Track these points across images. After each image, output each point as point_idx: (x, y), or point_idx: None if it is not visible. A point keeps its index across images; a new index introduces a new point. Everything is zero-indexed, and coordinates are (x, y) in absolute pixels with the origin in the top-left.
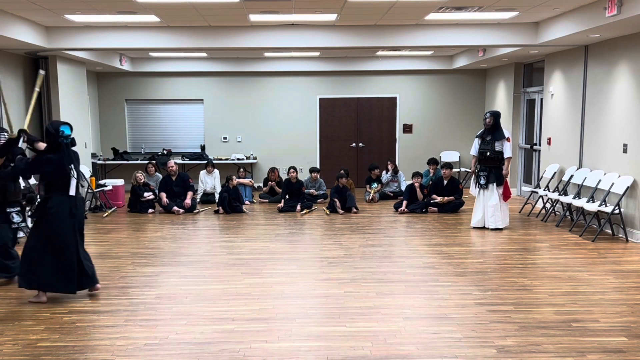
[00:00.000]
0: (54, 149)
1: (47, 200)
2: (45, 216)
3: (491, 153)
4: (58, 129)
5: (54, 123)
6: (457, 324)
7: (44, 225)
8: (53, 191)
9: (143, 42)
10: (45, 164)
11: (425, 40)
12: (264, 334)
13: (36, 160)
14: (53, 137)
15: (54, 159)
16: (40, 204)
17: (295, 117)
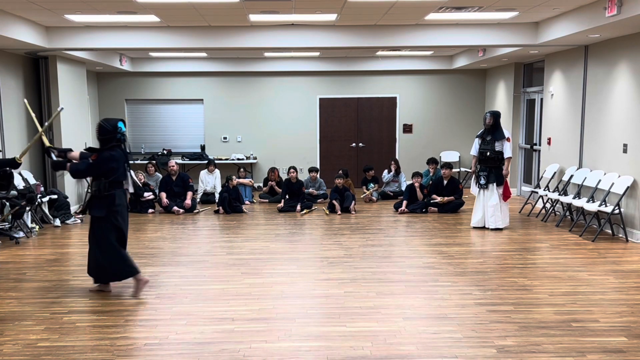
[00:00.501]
0: (112, 146)
1: (113, 197)
2: (114, 213)
3: (491, 153)
4: (116, 126)
5: (110, 120)
6: (457, 324)
7: (113, 220)
8: (115, 187)
9: (143, 42)
10: (110, 161)
11: (425, 40)
12: (264, 334)
13: (99, 160)
14: (111, 134)
15: (117, 156)
16: (106, 201)
17: (295, 117)
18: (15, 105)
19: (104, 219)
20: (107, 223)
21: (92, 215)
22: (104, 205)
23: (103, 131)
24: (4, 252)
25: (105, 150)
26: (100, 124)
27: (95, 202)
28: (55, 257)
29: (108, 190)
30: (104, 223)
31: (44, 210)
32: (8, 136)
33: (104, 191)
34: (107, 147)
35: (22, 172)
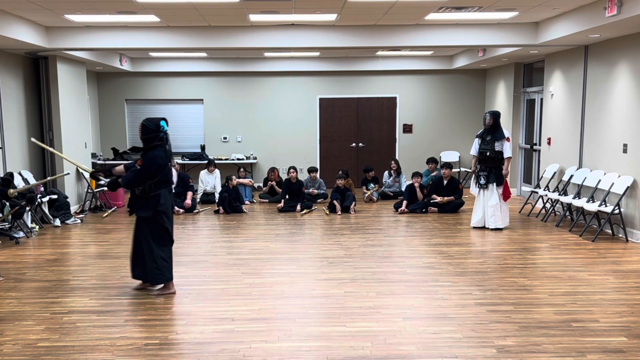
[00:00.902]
0: (155, 145)
1: (159, 198)
2: (160, 213)
3: (491, 153)
4: (159, 125)
5: (152, 120)
6: (457, 324)
7: (159, 220)
8: (160, 187)
9: (143, 42)
10: (155, 162)
11: (425, 40)
12: (264, 334)
13: (145, 163)
14: (154, 133)
15: (160, 155)
16: (152, 202)
17: (295, 117)
18: (15, 105)
19: (150, 219)
20: (153, 223)
21: (139, 215)
22: (150, 205)
23: (146, 130)
24: (4, 252)
25: (148, 151)
26: (144, 124)
27: (141, 203)
28: (55, 257)
29: (154, 191)
30: (152, 224)
31: (44, 210)
32: (8, 136)
33: (150, 192)
34: (150, 147)
35: (22, 172)
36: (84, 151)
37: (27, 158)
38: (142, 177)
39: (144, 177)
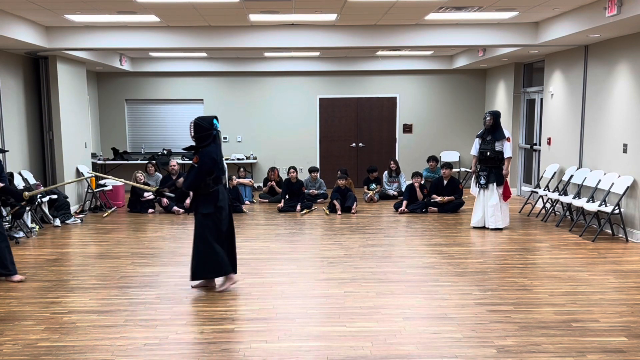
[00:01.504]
0: (208, 142)
1: (217, 194)
2: (219, 209)
3: (491, 153)
4: (212, 123)
5: (205, 118)
6: (457, 324)
7: (218, 215)
8: (217, 183)
9: (143, 42)
10: (210, 157)
11: (425, 40)
12: (264, 334)
13: (202, 160)
14: (208, 131)
15: (213, 152)
16: (212, 198)
17: (295, 117)
18: (15, 105)
19: (210, 215)
20: (212, 220)
21: (200, 212)
22: (210, 202)
23: (199, 129)
24: None
25: (203, 149)
26: (197, 122)
27: (201, 200)
28: (55, 257)
29: (212, 187)
30: (209, 220)
31: (44, 210)
32: (8, 136)
33: (209, 188)
34: (204, 145)
35: (22, 172)
36: (84, 151)
37: (27, 158)
38: (202, 174)
39: (203, 174)
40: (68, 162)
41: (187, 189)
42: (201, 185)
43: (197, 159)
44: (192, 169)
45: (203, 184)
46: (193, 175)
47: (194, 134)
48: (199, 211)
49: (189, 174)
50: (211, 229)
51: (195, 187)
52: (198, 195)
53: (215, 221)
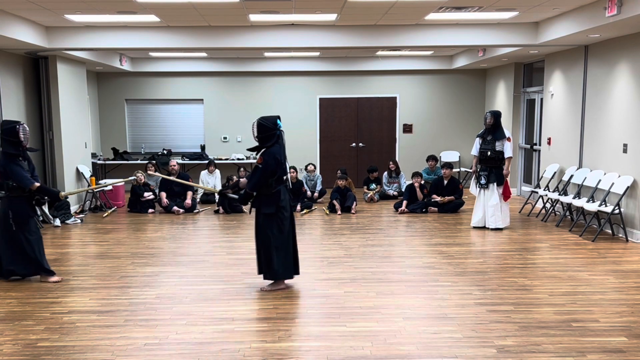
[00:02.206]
0: (272, 143)
1: (279, 194)
2: (281, 208)
3: (492, 153)
4: (275, 122)
5: (269, 118)
6: (457, 324)
7: (280, 216)
8: (279, 183)
9: (143, 42)
10: (274, 157)
11: (425, 40)
12: (264, 334)
13: (266, 161)
14: (271, 131)
15: (277, 152)
16: (274, 199)
17: (295, 117)
18: (15, 105)
19: (272, 215)
20: (274, 220)
21: (262, 212)
22: (272, 202)
23: (263, 129)
24: None
25: (267, 149)
26: (260, 122)
27: (263, 200)
28: (55, 257)
29: (274, 187)
30: (272, 220)
31: (44, 210)
32: None
33: (272, 189)
34: (268, 145)
35: None
36: (84, 151)
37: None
38: (266, 175)
39: (268, 174)
40: (68, 162)
41: (251, 189)
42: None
43: (261, 160)
44: (256, 170)
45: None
46: (257, 176)
47: (257, 134)
48: (261, 211)
49: (253, 175)
50: (273, 228)
51: (259, 187)
52: (260, 195)
53: (277, 221)
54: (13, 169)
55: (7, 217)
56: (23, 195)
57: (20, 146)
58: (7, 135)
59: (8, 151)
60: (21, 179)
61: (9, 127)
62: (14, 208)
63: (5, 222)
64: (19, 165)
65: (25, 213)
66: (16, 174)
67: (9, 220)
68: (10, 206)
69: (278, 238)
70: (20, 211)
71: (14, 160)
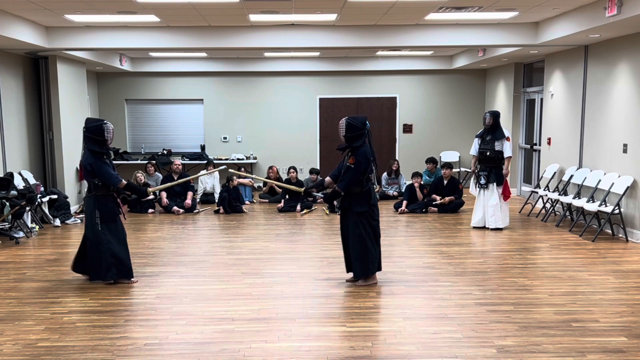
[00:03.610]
0: (362, 142)
1: (370, 192)
2: (372, 207)
3: (491, 153)
4: (364, 122)
5: (358, 118)
6: (457, 324)
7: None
8: (369, 182)
9: (143, 42)
10: (366, 157)
11: (425, 40)
12: (264, 334)
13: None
14: (360, 131)
15: (368, 151)
16: (365, 197)
17: (295, 117)
18: (15, 105)
19: (364, 214)
20: (366, 218)
21: (355, 211)
22: (364, 200)
23: (352, 128)
24: (4, 252)
25: (358, 149)
26: (349, 122)
27: (354, 199)
28: (55, 257)
29: (366, 186)
30: (364, 218)
31: (44, 210)
32: (8, 136)
33: (363, 187)
34: (356, 146)
35: (22, 172)
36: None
37: (27, 158)
38: (360, 174)
39: (362, 173)
40: (68, 162)
41: (343, 189)
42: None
43: (354, 160)
44: (349, 170)
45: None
46: (350, 176)
47: (345, 132)
48: (353, 210)
49: (345, 175)
50: (366, 226)
51: (352, 187)
52: (350, 194)
53: (369, 219)
54: (102, 168)
55: (94, 216)
56: (109, 194)
57: (105, 145)
58: (92, 134)
59: (94, 149)
60: (109, 178)
61: (94, 125)
62: (101, 207)
63: (92, 221)
64: (106, 163)
65: (112, 212)
66: (105, 173)
67: (96, 220)
68: (97, 205)
69: (371, 235)
70: (107, 210)
71: (101, 158)
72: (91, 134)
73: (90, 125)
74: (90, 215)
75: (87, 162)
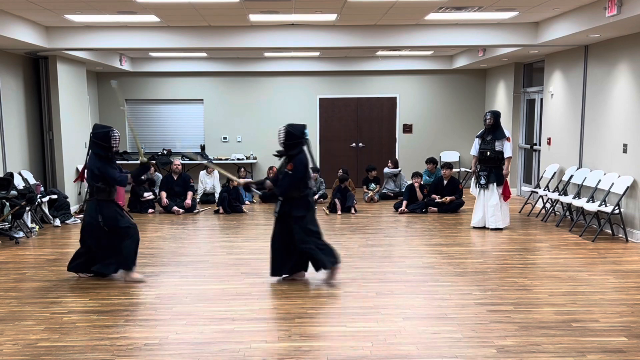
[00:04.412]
0: (299, 151)
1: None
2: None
3: (491, 153)
4: (303, 132)
5: (297, 127)
6: (457, 324)
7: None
8: (305, 188)
9: (143, 42)
10: (302, 164)
11: (425, 40)
12: (264, 334)
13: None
14: (299, 139)
15: (305, 158)
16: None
17: (295, 117)
18: (15, 105)
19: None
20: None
21: (294, 215)
22: (302, 205)
23: (291, 136)
24: (4, 252)
25: (296, 156)
26: (288, 130)
27: (293, 204)
28: (55, 257)
29: (304, 191)
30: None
31: (44, 210)
32: (8, 136)
33: (301, 192)
34: (294, 153)
35: (22, 172)
36: (84, 151)
37: (27, 158)
38: (296, 181)
39: (298, 179)
40: (68, 162)
41: (280, 194)
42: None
43: (292, 167)
44: (287, 176)
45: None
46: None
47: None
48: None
49: (284, 180)
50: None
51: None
52: (290, 199)
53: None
54: (108, 171)
55: (97, 220)
56: (109, 200)
57: (110, 151)
58: (99, 140)
59: (99, 153)
60: (117, 179)
61: (102, 132)
62: (103, 212)
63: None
64: (113, 167)
65: (113, 216)
66: (112, 174)
67: (100, 224)
68: (100, 210)
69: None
70: (108, 214)
71: (108, 161)
72: (98, 140)
73: (98, 131)
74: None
75: (94, 165)
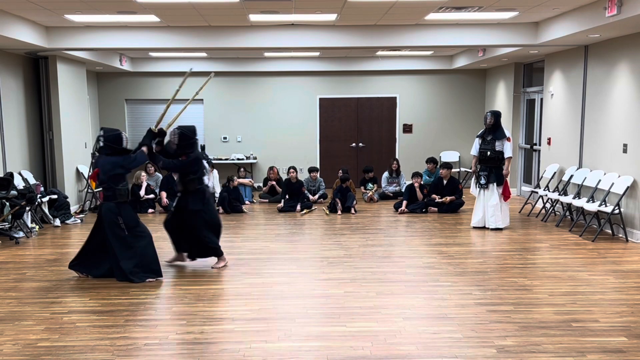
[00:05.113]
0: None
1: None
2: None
3: (492, 153)
4: (194, 132)
5: (189, 127)
6: (457, 324)
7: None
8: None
9: (143, 42)
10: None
11: (425, 40)
12: (264, 334)
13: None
14: (192, 140)
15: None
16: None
17: (295, 117)
18: (15, 105)
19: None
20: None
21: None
22: (198, 199)
23: (184, 138)
24: (4, 252)
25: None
26: (182, 132)
27: (190, 198)
28: (55, 257)
29: (199, 185)
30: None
31: (44, 210)
32: (8, 136)
33: (195, 185)
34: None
35: (22, 172)
36: (84, 151)
37: (27, 158)
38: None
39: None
40: (68, 162)
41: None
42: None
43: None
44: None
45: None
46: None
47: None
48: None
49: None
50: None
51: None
52: (187, 193)
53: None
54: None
55: (117, 222)
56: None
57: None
58: (111, 142)
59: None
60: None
61: (113, 134)
62: (123, 213)
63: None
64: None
65: (134, 217)
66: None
67: (121, 226)
68: (120, 212)
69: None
70: (129, 215)
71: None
72: (111, 142)
73: (109, 134)
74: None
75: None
